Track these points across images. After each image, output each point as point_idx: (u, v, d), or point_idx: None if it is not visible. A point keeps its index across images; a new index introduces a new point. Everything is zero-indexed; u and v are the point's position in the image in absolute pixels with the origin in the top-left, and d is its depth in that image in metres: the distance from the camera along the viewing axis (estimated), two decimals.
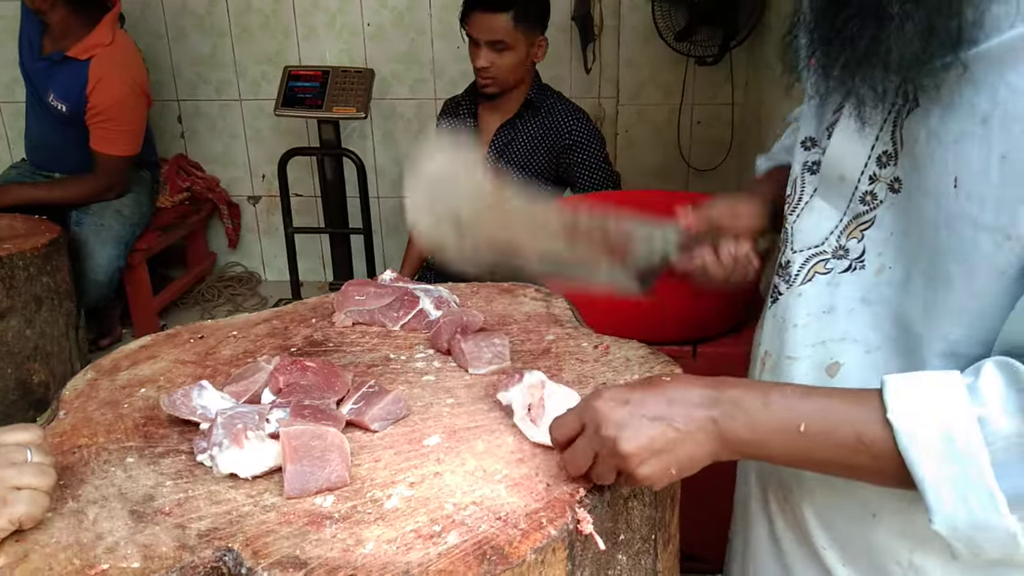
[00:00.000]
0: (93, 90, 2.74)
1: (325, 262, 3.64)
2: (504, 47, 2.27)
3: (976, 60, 0.65)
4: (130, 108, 2.82)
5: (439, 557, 0.67)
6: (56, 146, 2.96)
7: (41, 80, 2.83)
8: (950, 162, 0.68)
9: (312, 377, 0.93)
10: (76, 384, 1.01)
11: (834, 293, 0.81)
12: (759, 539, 0.96)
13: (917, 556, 0.78)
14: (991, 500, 0.62)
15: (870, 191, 0.77)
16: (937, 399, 0.65)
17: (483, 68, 2.28)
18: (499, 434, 0.86)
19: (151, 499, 0.77)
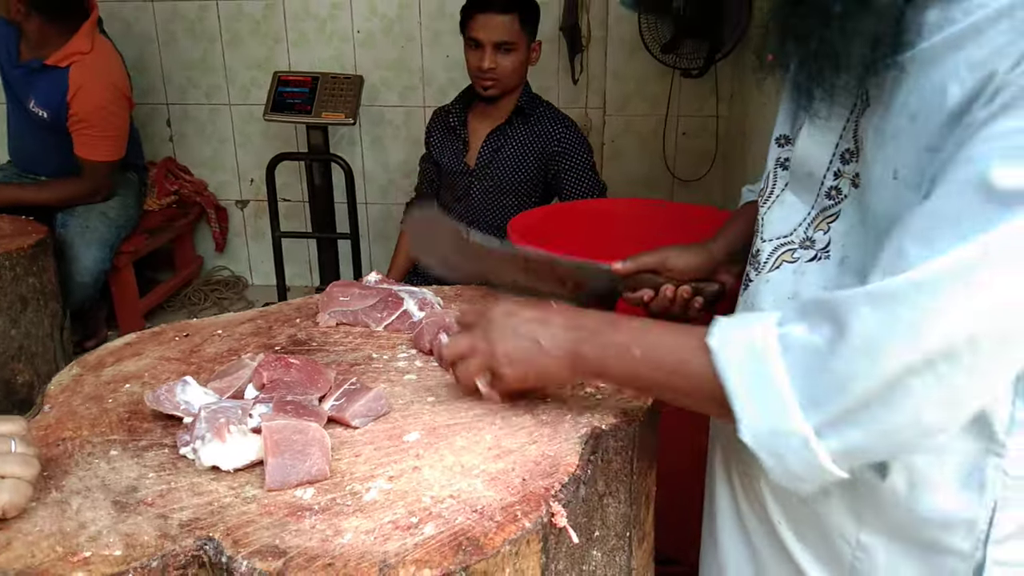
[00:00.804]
0: (74, 97, 2.73)
1: (312, 267, 3.65)
2: (510, 48, 2.30)
3: (911, 62, 0.70)
4: (112, 114, 2.81)
5: (415, 547, 0.69)
6: (39, 151, 2.95)
7: (21, 87, 2.83)
8: (891, 156, 0.73)
9: (295, 374, 0.94)
10: (61, 379, 1.02)
11: (799, 281, 0.84)
12: (724, 517, 1.01)
13: (864, 535, 0.82)
14: (784, 404, 0.68)
15: (835, 186, 0.82)
16: (750, 323, 0.72)
17: (488, 69, 2.30)
18: (478, 431, 0.88)
19: (134, 490, 0.78)
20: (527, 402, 0.94)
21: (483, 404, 0.94)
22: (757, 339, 0.70)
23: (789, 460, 0.70)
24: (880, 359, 0.64)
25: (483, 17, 2.29)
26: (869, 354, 0.64)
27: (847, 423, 0.67)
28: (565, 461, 0.82)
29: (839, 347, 0.66)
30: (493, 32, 2.28)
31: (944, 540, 0.78)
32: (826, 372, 0.67)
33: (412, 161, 3.33)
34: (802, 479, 0.72)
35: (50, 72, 2.73)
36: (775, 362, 0.69)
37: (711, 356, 0.73)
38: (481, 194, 2.46)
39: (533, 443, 0.85)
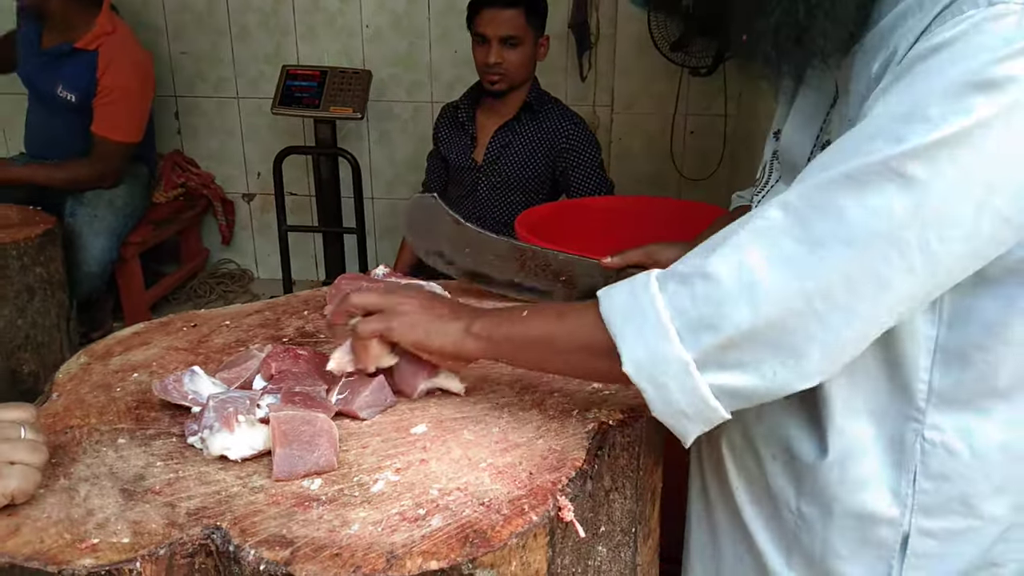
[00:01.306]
0: (104, 73, 2.78)
1: (318, 261, 3.65)
2: (516, 42, 2.30)
3: (861, 47, 0.73)
4: (136, 93, 2.86)
5: (423, 539, 0.69)
6: (60, 137, 2.98)
7: (47, 74, 2.85)
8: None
9: (304, 365, 0.94)
10: (69, 368, 1.02)
11: None
12: (693, 491, 1.04)
13: (803, 504, 0.86)
14: (664, 331, 0.70)
15: None
16: (635, 278, 0.75)
17: (494, 64, 2.31)
18: (485, 425, 0.88)
19: (142, 478, 0.78)
20: (534, 397, 0.94)
21: (490, 398, 0.94)
22: (639, 282, 0.74)
23: (670, 388, 0.72)
24: (755, 298, 0.67)
25: (489, 12, 2.30)
26: (744, 292, 0.67)
27: (725, 359, 0.69)
28: (572, 456, 0.82)
29: (717, 284, 0.68)
30: (498, 26, 2.29)
31: (872, 507, 0.81)
32: (704, 306, 0.69)
33: (419, 156, 3.33)
34: (685, 413, 0.73)
35: (79, 55, 2.77)
36: (656, 296, 0.72)
37: (598, 304, 0.76)
38: (489, 190, 2.46)
39: (540, 437, 0.85)
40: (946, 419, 0.77)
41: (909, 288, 0.66)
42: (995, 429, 0.77)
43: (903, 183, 0.62)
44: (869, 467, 0.81)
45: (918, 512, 0.79)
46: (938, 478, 0.78)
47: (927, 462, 0.78)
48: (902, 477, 0.79)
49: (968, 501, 0.78)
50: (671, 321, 0.70)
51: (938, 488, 0.78)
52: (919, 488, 0.79)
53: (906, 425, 0.78)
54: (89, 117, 2.84)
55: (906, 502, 0.79)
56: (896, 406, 0.79)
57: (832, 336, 0.67)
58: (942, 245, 0.64)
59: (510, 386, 0.97)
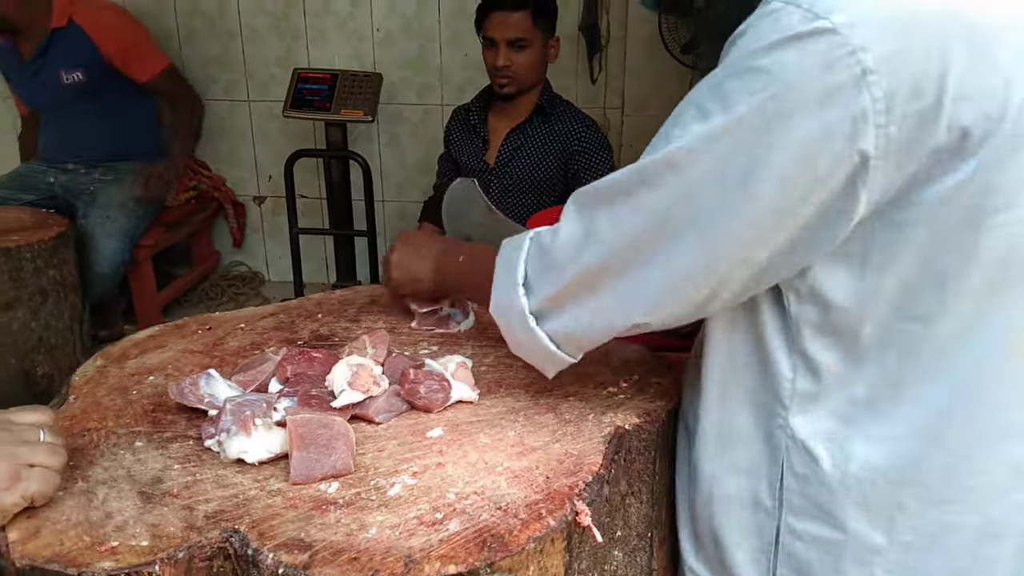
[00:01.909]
0: (100, 38, 2.86)
1: (328, 264, 3.65)
2: (524, 45, 2.31)
3: None
4: (134, 25, 3.00)
5: (440, 543, 0.69)
6: (76, 131, 3.02)
7: (43, 75, 2.90)
8: None
9: (319, 368, 0.95)
10: (86, 370, 1.03)
11: None
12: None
13: (692, 489, 0.89)
14: (514, 280, 0.82)
15: None
16: (533, 231, 0.84)
17: (503, 67, 2.31)
18: (500, 428, 0.88)
19: (159, 481, 0.79)
20: (550, 401, 0.94)
21: (506, 402, 0.94)
22: (523, 236, 0.84)
23: (516, 331, 0.84)
24: (575, 254, 0.76)
25: (496, 15, 2.30)
26: (567, 248, 0.77)
27: (556, 308, 0.80)
28: (589, 460, 0.82)
29: (554, 240, 0.79)
30: (506, 29, 2.29)
31: (751, 493, 0.81)
32: (541, 261, 0.80)
33: (429, 159, 3.34)
34: (534, 352, 0.84)
35: (62, 35, 2.84)
36: (523, 251, 0.83)
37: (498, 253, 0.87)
38: (500, 192, 2.46)
39: (556, 441, 0.85)
40: (807, 421, 0.76)
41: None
42: (858, 442, 0.74)
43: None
44: (747, 452, 0.81)
45: (787, 509, 0.78)
46: (801, 479, 0.77)
47: (792, 460, 0.77)
48: (773, 470, 0.79)
49: (829, 511, 0.76)
50: (521, 273, 0.82)
51: (802, 489, 0.77)
52: (786, 485, 0.78)
53: (774, 420, 0.78)
54: (100, 95, 2.94)
55: (775, 495, 0.79)
56: (768, 399, 0.78)
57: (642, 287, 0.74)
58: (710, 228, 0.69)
59: (525, 390, 0.97)
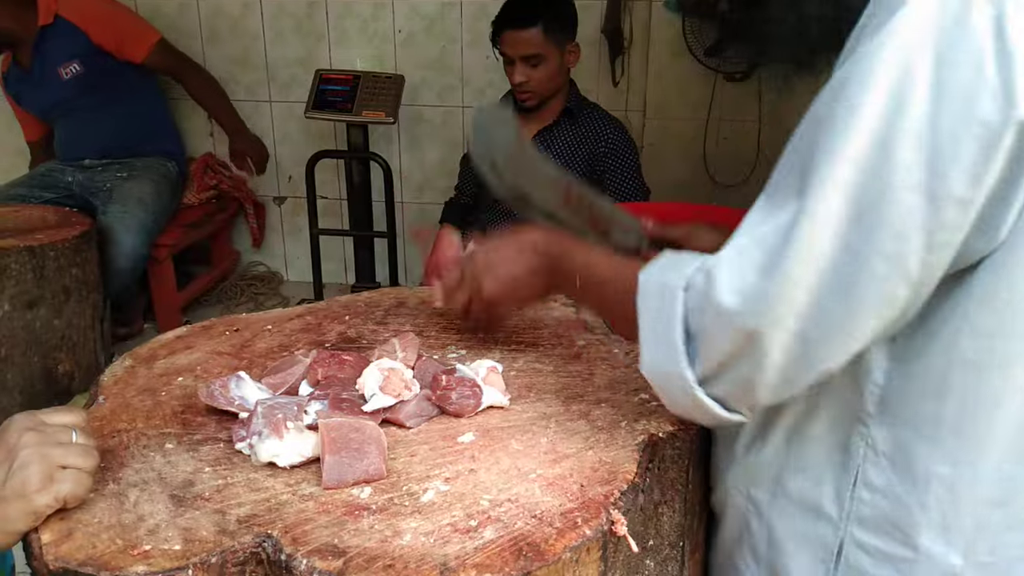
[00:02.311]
0: (87, 26, 2.92)
1: (347, 264, 3.66)
2: (538, 60, 2.30)
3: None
4: (118, 6, 3.05)
5: (476, 551, 0.68)
6: (84, 126, 3.07)
7: (44, 79, 2.96)
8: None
9: (350, 371, 0.94)
10: (115, 371, 1.03)
11: None
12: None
13: (752, 489, 0.85)
14: (675, 353, 0.73)
15: None
16: (674, 267, 0.76)
17: (520, 84, 2.32)
18: (532, 434, 0.87)
19: (190, 484, 0.78)
20: (581, 407, 0.93)
21: (536, 407, 0.93)
22: (670, 286, 0.74)
23: (679, 399, 0.76)
24: (734, 321, 0.67)
25: (508, 34, 2.31)
26: (724, 315, 0.68)
27: (720, 374, 0.71)
28: (623, 468, 0.80)
29: (708, 307, 0.70)
30: (519, 47, 2.30)
31: (815, 499, 0.79)
32: (702, 328, 0.71)
33: (449, 161, 3.33)
34: (693, 415, 0.77)
35: (51, 31, 2.90)
36: (676, 314, 0.73)
37: (637, 293, 0.78)
38: None
39: (589, 449, 0.84)
40: (890, 432, 0.73)
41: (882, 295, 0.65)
42: (941, 461, 0.71)
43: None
44: (817, 456, 0.78)
45: (854, 521, 0.76)
46: (876, 491, 0.75)
47: (867, 470, 0.75)
48: (844, 478, 0.76)
49: (902, 527, 0.74)
50: (682, 339, 0.73)
51: (875, 502, 0.75)
52: (857, 495, 0.76)
53: (855, 426, 0.75)
54: (101, 87, 2.99)
55: (843, 505, 0.77)
56: (854, 403, 0.75)
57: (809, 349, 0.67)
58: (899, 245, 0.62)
59: (555, 395, 0.96)
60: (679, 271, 0.74)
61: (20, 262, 2.26)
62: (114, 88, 3.03)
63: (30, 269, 2.28)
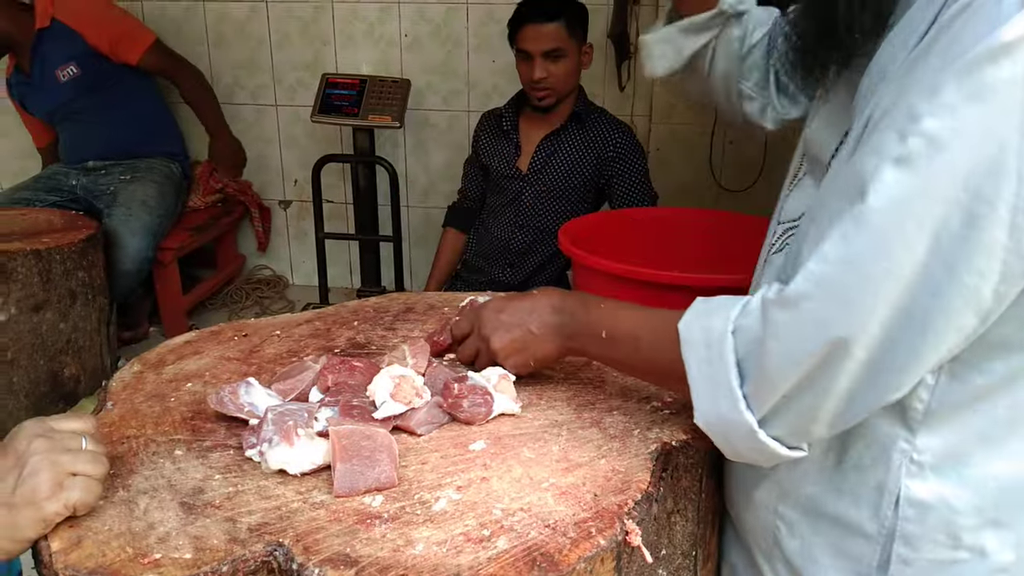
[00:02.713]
0: (83, 28, 2.92)
1: (353, 268, 3.65)
2: (559, 55, 2.29)
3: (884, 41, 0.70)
4: (109, 9, 3.03)
5: (489, 561, 0.67)
6: (85, 129, 3.08)
7: (43, 82, 2.97)
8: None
9: (360, 377, 0.93)
10: (123, 376, 1.02)
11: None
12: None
13: (783, 506, 0.84)
14: (733, 399, 0.72)
15: None
16: (715, 312, 0.75)
17: (540, 79, 2.30)
18: (544, 442, 0.86)
19: (201, 492, 0.78)
20: (593, 415, 0.92)
21: (548, 415, 0.92)
22: (715, 332, 0.74)
23: (739, 446, 0.75)
24: (798, 354, 0.66)
25: (530, 28, 2.29)
26: (786, 353, 0.67)
27: (781, 410, 0.70)
28: (637, 477, 0.80)
29: (766, 348, 0.69)
30: (541, 41, 2.28)
31: (851, 517, 0.78)
32: (762, 371, 0.70)
33: (454, 165, 3.33)
34: (755, 459, 0.76)
35: (48, 34, 2.91)
36: (728, 359, 0.72)
37: (679, 342, 0.76)
38: (533, 199, 2.45)
39: (602, 457, 0.83)
40: (939, 442, 0.72)
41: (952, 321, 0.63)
42: (996, 458, 0.72)
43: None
44: (852, 475, 0.77)
45: (899, 539, 0.75)
46: (920, 505, 0.74)
47: (911, 487, 0.74)
48: (884, 497, 0.75)
49: (953, 533, 0.73)
50: (739, 386, 0.72)
51: (921, 516, 0.74)
52: (901, 514, 0.74)
53: (894, 444, 0.74)
54: (99, 89, 2.99)
55: (885, 523, 0.76)
56: (888, 421, 0.74)
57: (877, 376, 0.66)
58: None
59: (567, 402, 0.95)
60: (721, 315, 0.74)
61: (26, 265, 2.25)
62: (113, 90, 3.03)
63: (36, 272, 2.28)
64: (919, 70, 0.62)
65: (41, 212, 2.71)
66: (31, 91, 3.03)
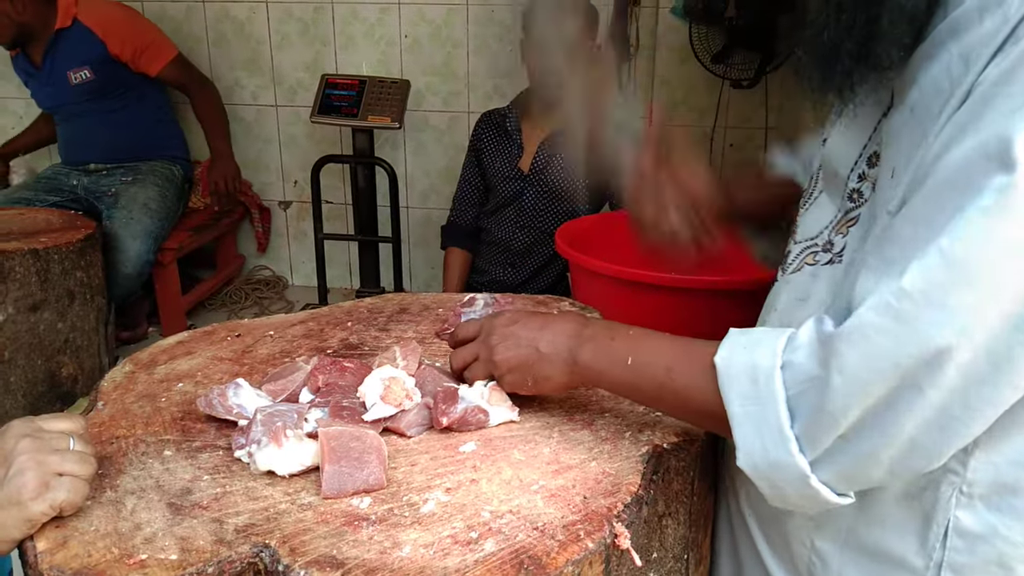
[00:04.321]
0: (104, 32, 2.90)
1: (352, 269, 3.65)
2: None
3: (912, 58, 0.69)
4: (136, 18, 3.03)
5: (476, 564, 0.67)
6: (90, 132, 3.07)
7: (53, 79, 2.95)
8: (892, 155, 0.70)
9: (350, 378, 0.93)
10: (114, 376, 1.02)
11: (811, 284, 0.82)
12: (720, 507, 1.00)
13: (819, 540, 0.81)
14: (783, 440, 0.67)
15: (857, 189, 0.79)
16: (757, 346, 0.70)
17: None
18: (535, 444, 0.86)
19: (188, 492, 0.77)
20: (585, 417, 0.92)
21: (539, 417, 0.92)
22: (762, 368, 0.69)
23: (787, 492, 0.71)
24: (864, 394, 0.63)
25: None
26: (851, 389, 0.63)
27: (836, 451, 0.67)
28: (627, 480, 0.79)
29: (829, 384, 0.65)
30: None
31: (895, 551, 0.76)
32: (819, 410, 0.66)
33: (454, 166, 3.32)
34: (801, 506, 0.72)
35: (67, 34, 2.89)
36: (777, 397, 0.68)
37: (716, 376, 0.72)
38: (534, 199, 2.45)
39: (593, 460, 0.83)
40: (991, 469, 0.70)
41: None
42: None
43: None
44: (891, 506, 0.75)
45: (946, 569, 0.73)
46: (971, 536, 0.72)
47: (961, 517, 0.72)
48: (931, 529, 0.73)
49: (1005, 563, 0.71)
50: (790, 427, 0.68)
51: (972, 548, 0.72)
52: (950, 545, 0.72)
53: (942, 475, 0.71)
54: (108, 96, 2.99)
55: (932, 555, 0.73)
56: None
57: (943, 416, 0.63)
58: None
59: (559, 405, 0.95)
60: (766, 350, 0.69)
61: (24, 265, 2.25)
62: (122, 95, 3.03)
63: (34, 272, 2.28)
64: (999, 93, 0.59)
65: (40, 212, 2.72)
66: (37, 83, 3.01)
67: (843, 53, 0.70)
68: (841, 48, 0.70)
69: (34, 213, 2.68)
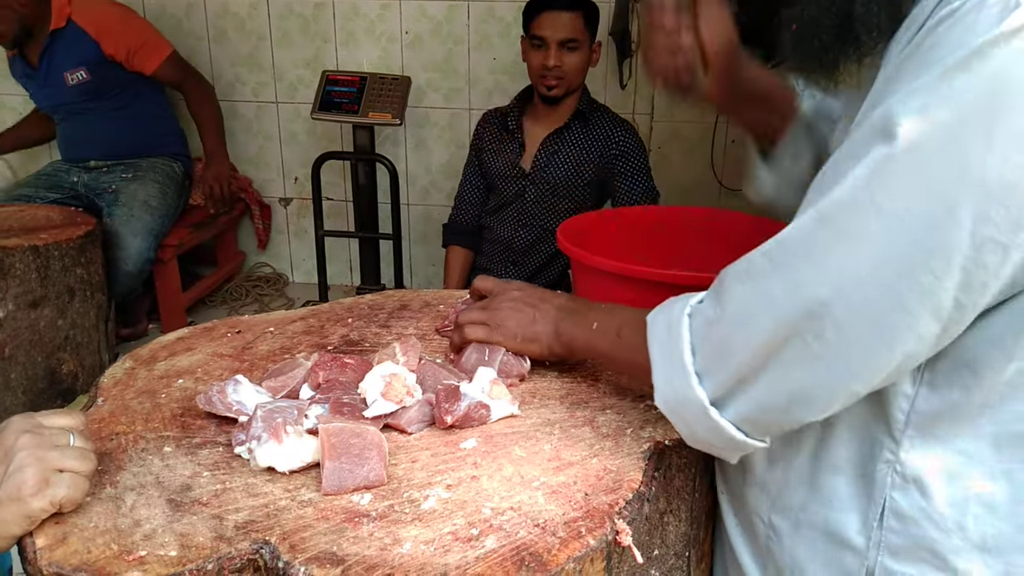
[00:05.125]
0: (98, 33, 2.89)
1: (353, 266, 3.65)
2: (575, 46, 2.30)
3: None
4: (132, 17, 3.01)
5: (477, 560, 0.67)
6: (89, 130, 3.06)
7: (50, 79, 2.95)
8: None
9: (351, 374, 0.93)
10: (114, 372, 1.02)
11: None
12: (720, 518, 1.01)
13: (774, 515, 0.83)
14: (686, 375, 0.73)
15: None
16: (677, 301, 0.78)
17: (553, 67, 2.30)
18: (536, 441, 0.86)
19: (188, 489, 0.77)
20: (586, 413, 0.91)
21: (541, 413, 0.91)
22: (675, 313, 0.76)
23: (696, 427, 0.75)
24: (749, 331, 0.68)
25: (549, 15, 2.28)
26: (740, 327, 0.69)
27: (737, 392, 0.71)
28: (628, 477, 0.79)
29: (720, 321, 0.71)
30: (559, 29, 2.27)
31: (841, 529, 0.77)
32: (712, 344, 0.72)
33: (455, 163, 3.32)
34: (715, 445, 0.76)
35: (62, 35, 2.88)
36: (683, 337, 0.74)
37: (647, 330, 0.79)
38: (536, 197, 2.45)
39: (594, 456, 0.83)
40: (922, 455, 0.71)
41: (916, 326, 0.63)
42: (979, 478, 0.70)
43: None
44: (840, 481, 0.77)
45: (884, 550, 0.74)
46: (906, 519, 0.73)
47: (896, 498, 0.73)
48: (871, 508, 0.74)
49: (939, 553, 0.72)
50: (691, 363, 0.73)
51: (906, 529, 0.73)
52: (886, 525, 0.74)
53: (879, 453, 0.73)
54: (105, 96, 2.98)
55: (871, 535, 0.74)
56: (877, 431, 0.73)
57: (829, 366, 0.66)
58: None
59: (560, 401, 0.95)
60: (682, 302, 0.77)
61: (24, 262, 2.25)
62: (120, 95, 3.02)
63: (35, 269, 2.28)
64: (903, 72, 0.62)
65: (40, 208, 2.71)
66: (35, 84, 3.01)
67: (822, 30, 0.72)
68: (820, 24, 0.72)
69: (34, 210, 2.68)
